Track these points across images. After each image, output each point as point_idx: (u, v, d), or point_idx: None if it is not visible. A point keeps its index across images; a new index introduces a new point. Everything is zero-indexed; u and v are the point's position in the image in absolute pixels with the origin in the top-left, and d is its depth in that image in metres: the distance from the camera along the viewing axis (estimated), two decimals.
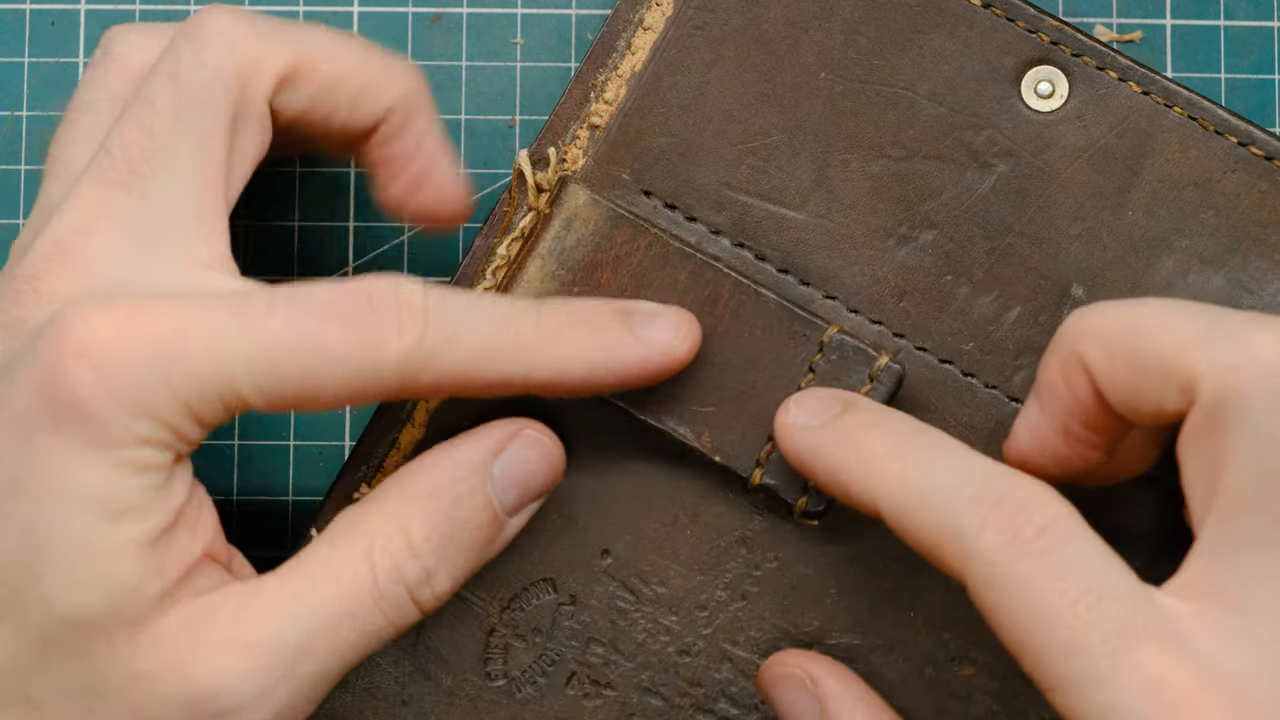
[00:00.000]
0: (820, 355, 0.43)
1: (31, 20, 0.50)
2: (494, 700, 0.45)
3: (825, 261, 0.45)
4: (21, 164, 0.50)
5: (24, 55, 0.50)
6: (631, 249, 0.44)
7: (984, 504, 0.37)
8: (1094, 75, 0.45)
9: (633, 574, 0.45)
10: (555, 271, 0.44)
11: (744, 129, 0.46)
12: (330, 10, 0.50)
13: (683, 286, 0.44)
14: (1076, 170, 0.45)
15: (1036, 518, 0.36)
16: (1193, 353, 0.37)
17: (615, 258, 0.44)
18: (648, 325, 0.42)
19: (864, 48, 0.46)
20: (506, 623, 0.45)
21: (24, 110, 0.50)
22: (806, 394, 0.42)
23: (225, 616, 0.38)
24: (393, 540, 0.39)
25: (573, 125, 0.46)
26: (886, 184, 0.45)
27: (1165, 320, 0.38)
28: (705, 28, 0.46)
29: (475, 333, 0.39)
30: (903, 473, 0.38)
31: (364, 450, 0.45)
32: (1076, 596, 0.35)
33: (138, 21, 0.50)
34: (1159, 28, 0.50)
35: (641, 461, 0.45)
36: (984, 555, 0.36)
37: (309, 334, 0.38)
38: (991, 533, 0.36)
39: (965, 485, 0.37)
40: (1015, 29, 0.45)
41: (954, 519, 0.37)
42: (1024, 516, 0.36)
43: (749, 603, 0.45)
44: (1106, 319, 0.39)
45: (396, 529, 0.40)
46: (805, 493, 0.43)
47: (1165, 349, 0.37)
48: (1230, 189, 0.45)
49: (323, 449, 0.49)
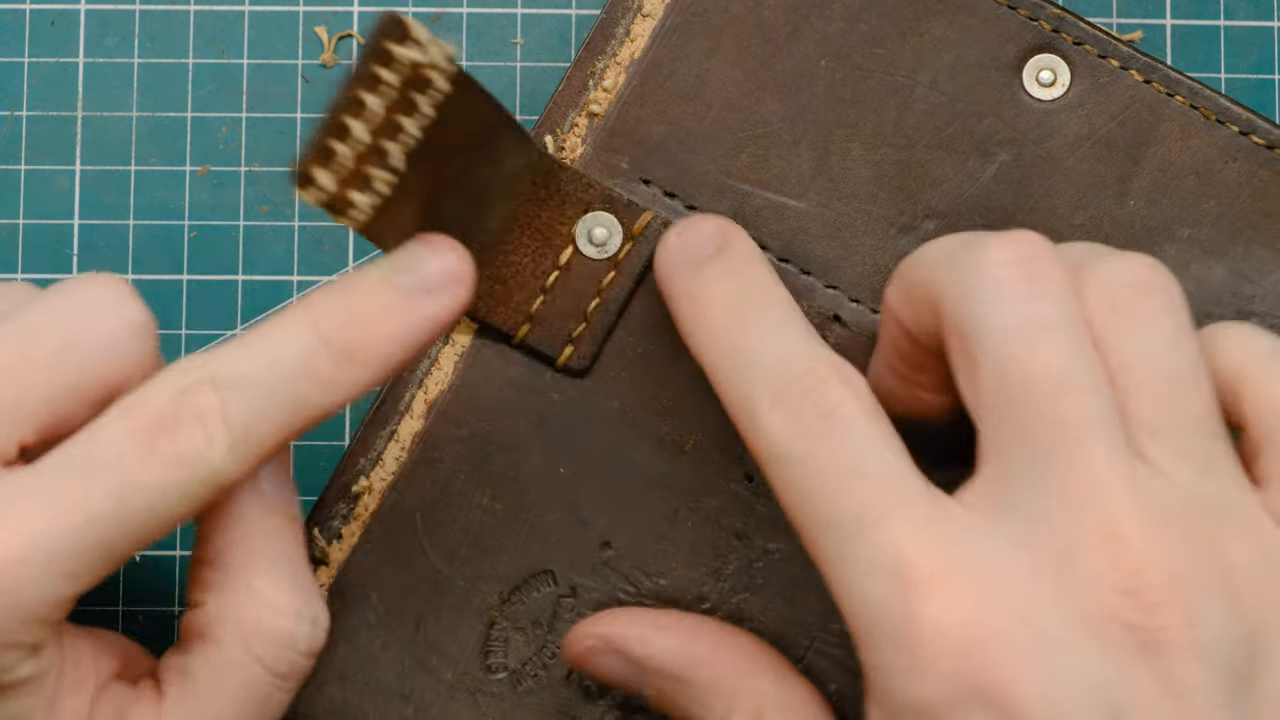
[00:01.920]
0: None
1: (31, 20, 0.50)
2: (495, 693, 0.44)
3: (826, 250, 0.45)
4: (21, 164, 0.50)
5: (24, 55, 0.50)
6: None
7: (778, 382, 0.38)
8: (1096, 64, 0.45)
9: (634, 566, 0.45)
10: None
11: (744, 117, 0.46)
12: (330, 10, 0.50)
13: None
14: (1078, 159, 0.45)
15: (821, 402, 0.37)
16: (937, 272, 0.38)
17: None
18: (417, 275, 0.40)
19: (865, 35, 0.46)
20: (507, 615, 0.45)
21: (24, 110, 0.50)
22: (693, 222, 0.43)
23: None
24: (262, 621, 0.39)
25: (571, 113, 0.46)
26: (888, 172, 0.45)
27: (926, 251, 0.39)
28: (705, 14, 0.46)
29: (277, 394, 0.38)
30: (730, 337, 0.40)
31: (362, 443, 0.45)
32: (840, 476, 0.36)
33: (136, 30, 0.50)
34: (1159, 28, 0.50)
35: (642, 454, 0.45)
36: (769, 434, 0.37)
37: (127, 492, 0.37)
38: (779, 413, 0.37)
39: (772, 361, 0.38)
40: (1017, 17, 0.45)
41: (751, 392, 0.38)
42: (810, 400, 0.37)
43: (751, 594, 0.44)
44: (903, 261, 0.40)
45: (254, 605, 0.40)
46: (570, 343, 0.45)
47: (922, 274, 0.39)
48: (1232, 178, 0.45)
49: (323, 449, 0.49)
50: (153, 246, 0.49)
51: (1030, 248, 0.37)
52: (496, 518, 0.45)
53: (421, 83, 0.38)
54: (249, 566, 0.40)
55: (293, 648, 0.40)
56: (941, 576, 0.35)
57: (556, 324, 0.45)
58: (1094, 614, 0.34)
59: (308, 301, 0.39)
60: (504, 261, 0.44)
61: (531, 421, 0.45)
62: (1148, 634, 0.34)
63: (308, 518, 0.45)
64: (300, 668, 0.40)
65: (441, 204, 0.41)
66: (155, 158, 0.50)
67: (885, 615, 0.35)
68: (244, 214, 0.50)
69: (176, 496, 0.38)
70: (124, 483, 0.37)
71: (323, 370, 0.39)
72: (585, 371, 0.45)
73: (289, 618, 0.40)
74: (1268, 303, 0.45)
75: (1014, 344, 0.36)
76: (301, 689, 0.44)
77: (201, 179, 0.50)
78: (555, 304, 0.45)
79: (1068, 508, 0.35)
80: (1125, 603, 0.34)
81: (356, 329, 0.39)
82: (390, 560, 0.45)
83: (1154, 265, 0.38)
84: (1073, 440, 0.35)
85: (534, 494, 0.45)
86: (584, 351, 0.45)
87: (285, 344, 0.39)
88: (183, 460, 0.37)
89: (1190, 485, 0.36)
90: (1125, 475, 0.35)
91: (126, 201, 0.50)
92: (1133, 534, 0.35)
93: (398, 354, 0.39)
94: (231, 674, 0.39)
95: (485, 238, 0.44)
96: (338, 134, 0.37)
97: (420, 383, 0.45)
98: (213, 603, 0.40)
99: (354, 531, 0.45)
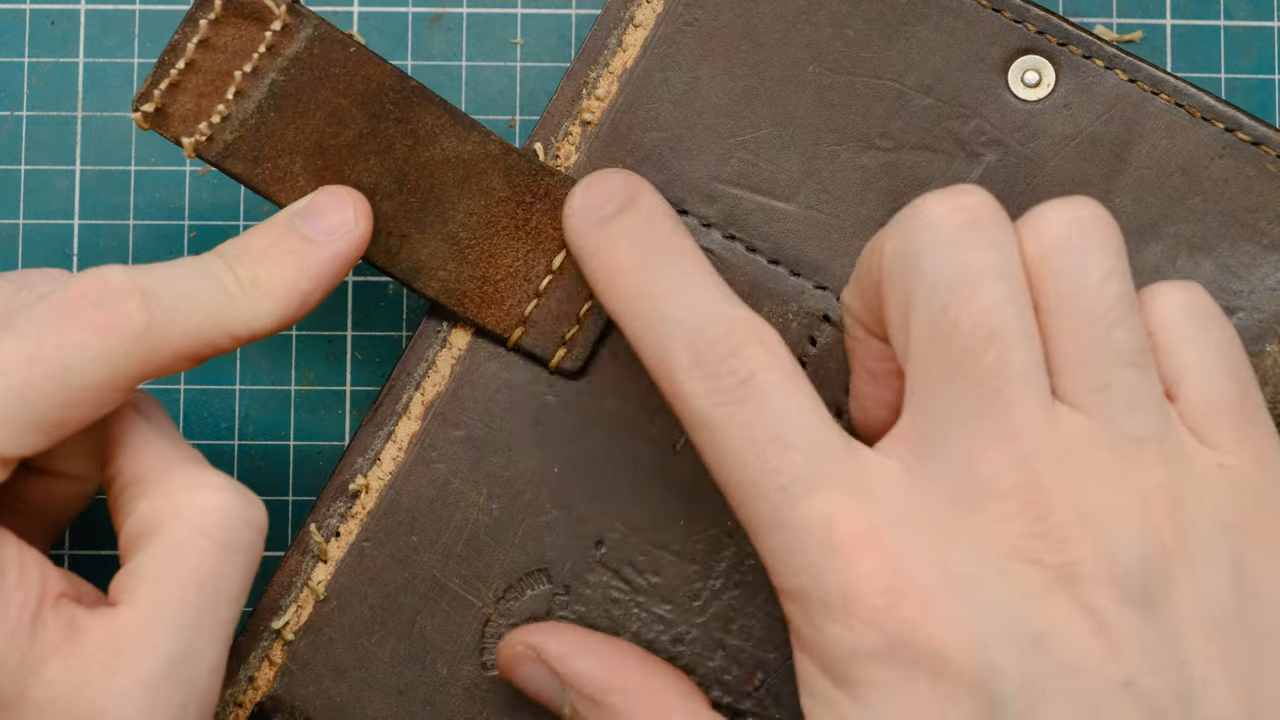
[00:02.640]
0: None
1: (31, 20, 0.50)
2: (489, 689, 0.45)
3: (816, 252, 0.45)
4: (21, 164, 0.50)
5: (24, 55, 0.50)
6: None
7: (697, 345, 0.38)
8: (1080, 64, 0.45)
9: (626, 564, 0.45)
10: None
11: (734, 123, 0.46)
12: (331, 10, 0.50)
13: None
14: (1064, 158, 0.45)
15: (739, 367, 0.37)
16: (881, 238, 0.39)
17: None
18: (316, 219, 0.43)
19: (852, 40, 0.46)
20: (502, 613, 0.45)
21: (24, 110, 0.50)
22: (598, 178, 0.43)
23: (99, 669, 0.38)
24: (195, 497, 0.40)
25: (565, 121, 0.46)
26: (875, 175, 0.45)
27: (869, 244, 0.40)
28: (695, 23, 0.46)
29: (192, 299, 0.40)
30: (642, 294, 0.40)
31: (360, 442, 0.46)
32: (764, 444, 0.37)
33: (136, 30, 0.50)
34: (1159, 28, 0.50)
35: (635, 453, 0.45)
36: (690, 398, 0.38)
37: (50, 350, 0.38)
38: (698, 377, 0.38)
39: (689, 321, 0.38)
40: (1001, 19, 0.46)
41: (670, 354, 0.38)
42: (728, 365, 0.38)
43: (742, 591, 0.45)
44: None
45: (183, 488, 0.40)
46: (564, 345, 0.45)
47: (867, 258, 0.39)
48: (1218, 174, 0.45)
49: (323, 449, 0.49)
50: (153, 246, 0.49)
51: (970, 198, 0.38)
52: (492, 517, 0.45)
53: (257, 16, 0.43)
54: (169, 470, 0.40)
55: (232, 514, 0.40)
56: (868, 539, 0.36)
57: (550, 327, 0.45)
58: (1008, 554, 0.36)
59: (218, 247, 0.42)
60: (491, 263, 0.45)
61: (526, 422, 0.45)
62: (1060, 569, 0.35)
63: (307, 515, 0.46)
64: (247, 539, 0.40)
65: (350, 168, 0.44)
66: (155, 158, 0.50)
67: (817, 580, 0.36)
68: (244, 214, 0.50)
69: (91, 361, 0.39)
70: (52, 348, 0.38)
71: (232, 290, 0.41)
72: (579, 373, 0.45)
73: (219, 489, 0.40)
74: (1255, 298, 0.45)
75: (946, 291, 0.37)
76: (299, 685, 0.44)
77: (201, 179, 0.50)
78: (548, 307, 0.45)
79: (983, 453, 0.36)
80: (1035, 544, 0.36)
81: (261, 264, 0.41)
82: (387, 558, 0.45)
83: (1090, 203, 0.38)
84: (994, 390, 0.36)
85: (529, 494, 0.45)
86: (577, 353, 0.45)
87: (199, 265, 0.41)
88: (102, 327, 0.39)
89: (1112, 419, 0.37)
90: (1041, 421, 0.36)
91: (126, 201, 0.50)
92: (1042, 478, 0.36)
93: (302, 286, 0.42)
94: (178, 556, 0.39)
95: (452, 228, 0.45)
96: (170, 58, 0.43)
97: (418, 385, 0.46)
98: (143, 505, 0.40)
99: (351, 530, 0.45)
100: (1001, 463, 0.36)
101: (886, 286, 0.38)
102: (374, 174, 0.44)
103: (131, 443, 0.41)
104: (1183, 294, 0.39)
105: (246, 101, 0.43)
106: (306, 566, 0.45)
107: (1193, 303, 0.39)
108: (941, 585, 0.36)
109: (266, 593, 0.45)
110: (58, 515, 0.44)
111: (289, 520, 0.49)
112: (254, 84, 0.43)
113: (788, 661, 0.44)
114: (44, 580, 0.39)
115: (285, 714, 0.44)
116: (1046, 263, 0.38)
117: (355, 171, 0.44)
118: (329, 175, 0.44)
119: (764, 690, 0.44)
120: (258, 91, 0.43)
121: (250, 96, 0.43)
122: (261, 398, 0.49)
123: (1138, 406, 0.37)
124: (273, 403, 0.49)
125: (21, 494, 0.42)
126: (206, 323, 0.40)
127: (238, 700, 0.45)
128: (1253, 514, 0.38)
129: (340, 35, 0.44)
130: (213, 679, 0.39)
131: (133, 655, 0.38)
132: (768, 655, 0.44)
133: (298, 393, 0.49)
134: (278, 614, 0.45)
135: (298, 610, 0.45)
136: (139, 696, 0.38)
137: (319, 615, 0.45)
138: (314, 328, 0.49)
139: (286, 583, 0.45)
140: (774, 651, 0.44)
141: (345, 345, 0.49)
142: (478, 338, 0.46)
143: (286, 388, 0.49)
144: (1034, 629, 0.35)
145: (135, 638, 0.38)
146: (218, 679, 0.40)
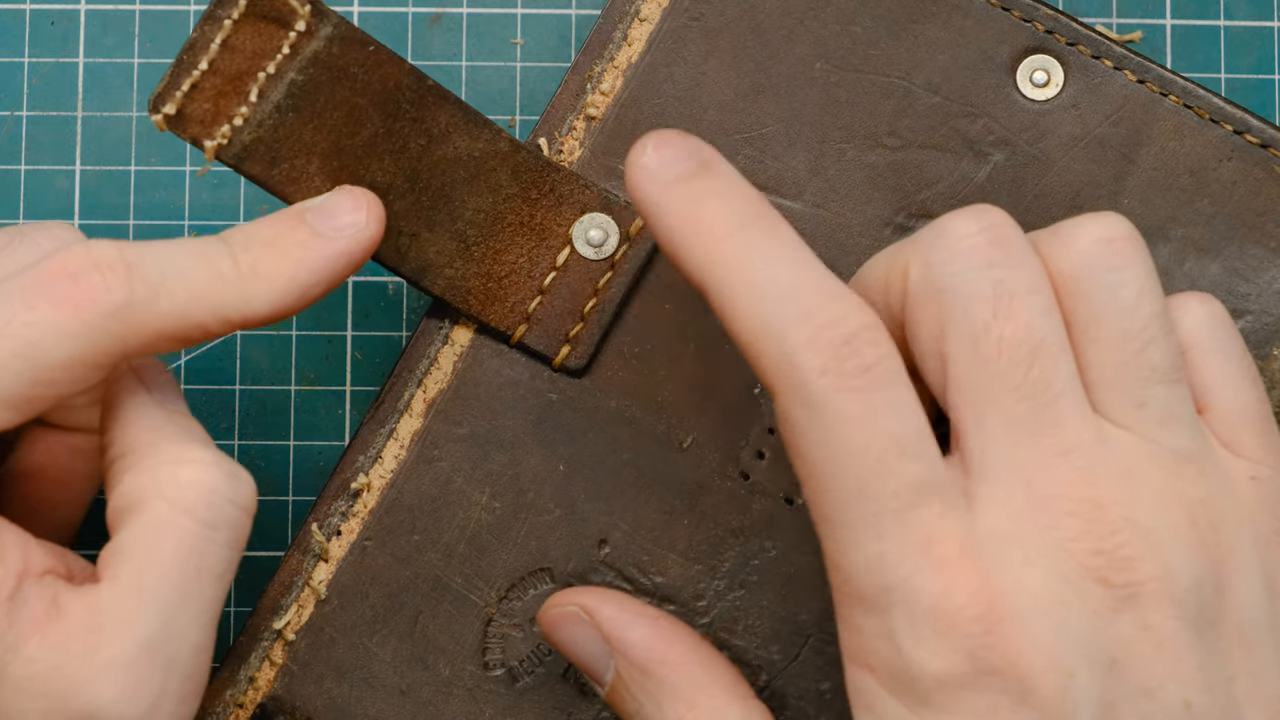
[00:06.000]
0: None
1: (31, 20, 0.50)
2: (492, 690, 0.44)
3: (822, 251, 0.45)
4: (21, 164, 0.50)
5: (24, 55, 0.50)
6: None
7: (815, 322, 0.36)
8: (1089, 64, 0.45)
9: (630, 563, 0.45)
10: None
11: (740, 119, 0.46)
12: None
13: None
14: (1072, 159, 0.45)
15: (866, 354, 0.36)
16: (898, 261, 0.38)
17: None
18: (329, 217, 0.42)
19: (859, 37, 0.46)
20: (504, 612, 0.45)
21: (24, 110, 0.50)
22: (664, 136, 0.38)
23: (80, 646, 0.38)
24: (179, 475, 0.39)
25: (569, 116, 0.46)
26: (882, 173, 0.45)
27: (872, 260, 0.39)
28: (701, 19, 0.46)
29: (181, 278, 0.40)
30: (740, 259, 0.37)
31: (362, 440, 0.45)
32: (884, 444, 0.35)
33: (136, 30, 0.50)
34: (1159, 28, 0.50)
35: (639, 452, 0.45)
36: (803, 372, 0.36)
37: (20, 323, 0.38)
38: (817, 354, 0.36)
39: (802, 295, 0.36)
40: (1010, 18, 0.46)
41: (781, 325, 0.36)
42: (852, 348, 0.36)
43: (747, 591, 0.45)
44: (851, 280, 0.40)
45: (169, 463, 0.39)
46: (568, 343, 0.45)
47: (878, 273, 0.39)
48: (1226, 177, 0.45)
49: (322, 449, 0.49)
50: None
51: (993, 217, 0.37)
52: (494, 516, 0.45)
53: (279, 16, 0.42)
54: (158, 444, 0.40)
55: (215, 492, 0.39)
56: (963, 560, 0.35)
57: (554, 324, 0.45)
58: (1081, 573, 0.36)
59: (226, 231, 0.41)
60: (496, 259, 0.45)
61: (530, 420, 0.45)
62: (1126, 589, 0.35)
63: (308, 514, 0.45)
64: (230, 517, 0.39)
65: (365, 168, 0.43)
66: (155, 158, 0.50)
67: (908, 597, 0.35)
68: (244, 214, 0.50)
69: (63, 338, 0.38)
70: (23, 322, 0.38)
71: (227, 273, 0.40)
72: (583, 371, 0.45)
73: (204, 466, 0.39)
74: (1262, 301, 0.45)
75: (986, 310, 0.36)
76: (300, 686, 0.44)
77: (201, 179, 0.50)
78: (553, 304, 0.45)
79: (1044, 470, 0.36)
80: (1101, 562, 0.36)
81: (264, 252, 0.41)
82: (389, 557, 0.45)
83: (1118, 221, 0.38)
84: (1042, 405, 0.36)
85: (532, 492, 0.45)
86: (581, 351, 0.45)
87: (197, 245, 0.40)
88: (76, 302, 0.38)
89: (1151, 435, 0.37)
90: (1093, 435, 0.36)
91: (126, 201, 0.50)
92: (1103, 494, 0.36)
93: (303, 278, 0.41)
94: (160, 533, 0.39)
95: (460, 226, 0.44)
96: (190, 58, 0.42)
97: (420, 382, 0.45)
98: (128, 479, 0.40)
99: (353, 528, 0.45)
100: (1063, 478, 0.36)
101: (914, 313, 0.38)
102: (388, 174, 0.44)
103: (124, 413, 0.41)
104: (1204, 306, 0.39)
105: (265, 102, 0.43)
106: (308, 566, 0.45)
107: (1214, 314, 0.39)
108: (1029, 609, 0.35)
109: (267, 592, 0.45)
110: (78, 485, 0.44)
111: (289, 520, 0.49)
112: (273, 85, 0.43)
113: (792, 663, 0.44)
114: (25, 557, 0.39)
115: (286, 714, 0.44)
116: (1078, 283, 0.38)
117: (370, 171, 0.44)
118: (344, 175, 0.43)
119: (769, 691, 0.44)
120: (276, 92, 0.43)
121: (269, 97, 0.43)
122: (261, 398, 0.49)
123: (1175, 422, 0.37)
124: (273, 403, 0.49)
125: (36, 458, 0.43)
126: (193, 303, 0.40)
127: (238, 700, 0.44)
128: (1277, 522, 0.38)
129: (360, 34, 0.43)
130: (197, 659, 0.39)
131: (112, 633, 0.38)
132: (772, 656, 0.44)
133: (298, 393, 0.49)
134: (279, 614, 0.45)
135: (299, 610, 0.45)
136: (118, 674, 0.38)
137: (320, 615, 0.45)
138: (314, 328, 0.49)
139: (287, 582, 0.45)
140: (778, 653, 0.44)
141: (345, 345, 0.49)
142: (480, 335, 0.45)
143: (286, 388, 0.49)
144: (1109, 653, 0.35)
145: (115, 615, 0.38)
146: (203, 659, 0.39)
